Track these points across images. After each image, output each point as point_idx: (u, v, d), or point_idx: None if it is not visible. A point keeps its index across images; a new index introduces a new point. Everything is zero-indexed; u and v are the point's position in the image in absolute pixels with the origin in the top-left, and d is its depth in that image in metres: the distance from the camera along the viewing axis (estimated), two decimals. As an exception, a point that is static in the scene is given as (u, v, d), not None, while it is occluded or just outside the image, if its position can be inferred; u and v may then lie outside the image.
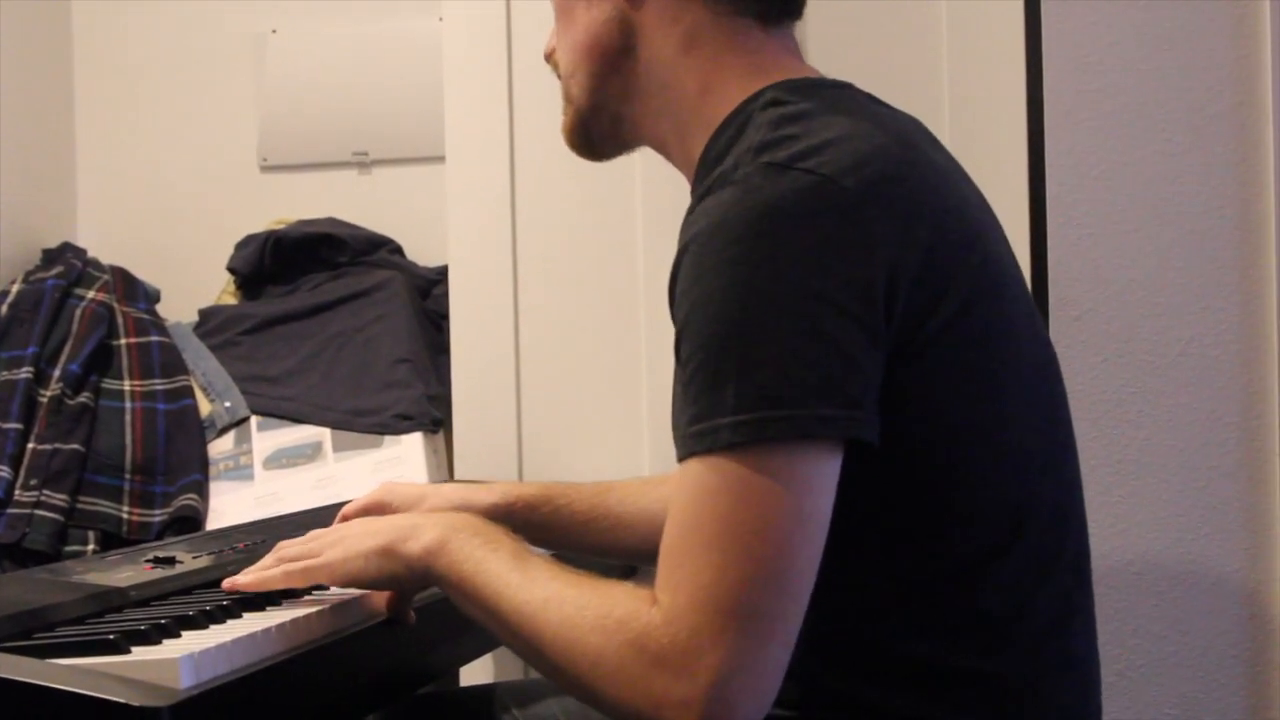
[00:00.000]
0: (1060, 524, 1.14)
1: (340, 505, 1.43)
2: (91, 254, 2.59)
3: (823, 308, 0.98)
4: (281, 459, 2.21)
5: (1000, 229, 1.19)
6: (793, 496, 0.97)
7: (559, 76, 1.27)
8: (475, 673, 1.73)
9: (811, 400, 0.97)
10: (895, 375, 1.02)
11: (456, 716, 1.45)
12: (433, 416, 2.21)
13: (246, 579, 1.20)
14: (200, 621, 1.11)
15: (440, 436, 2.22)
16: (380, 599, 1.22)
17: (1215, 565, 1.69)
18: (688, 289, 1.03)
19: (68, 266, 2.47)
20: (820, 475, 0.98)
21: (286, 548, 1.23)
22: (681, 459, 1.00)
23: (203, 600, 1.20)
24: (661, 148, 1.25)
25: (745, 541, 0.96)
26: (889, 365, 1.02)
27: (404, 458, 2.16)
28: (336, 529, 1.25)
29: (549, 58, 1.29)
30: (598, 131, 1.27)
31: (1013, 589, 1.09)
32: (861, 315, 0.99)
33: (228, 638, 1.04)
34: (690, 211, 1.10)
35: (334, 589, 1.23)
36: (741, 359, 0.98)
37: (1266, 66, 1.66)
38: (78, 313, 2.33)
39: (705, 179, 1.12)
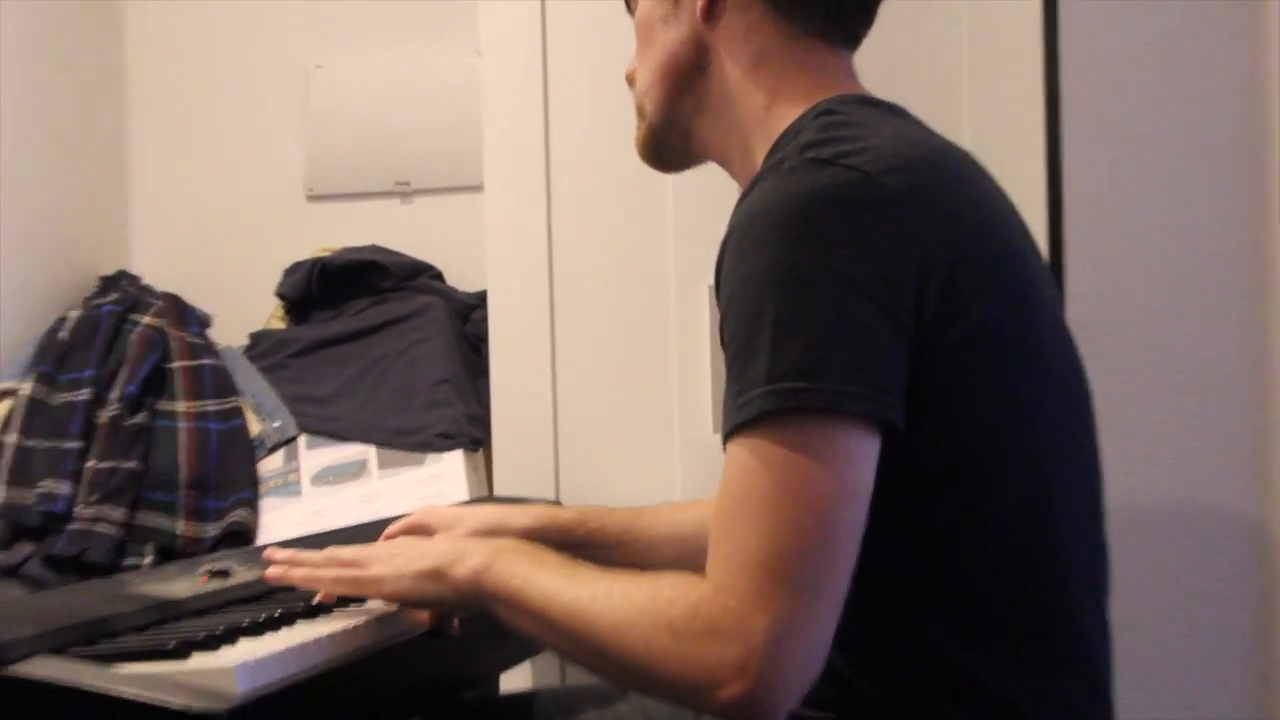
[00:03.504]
0: (1078, 536, 1.14)
1: (384, 522, 1.44)
2: (146, 281, 2.62)
3: (854, 293, 0.99)
4: (328, 476, 2.22)
5: (1040, 258, 1.20)
6: (833, 467, 0.97)
7: (635, 95, 1.30)
8: (515, 679, 1.74)
9: (840, 376, 0.97)
10: (922, 373, 1.02)
11: (498, 722, 1.46)
12: (472, 436, 2.22)
13: (298, 574, 1.21)
14: (254, 630, 1.13)
15: (480, 455, 2.22)
16: (423, 612, 1.22)
17: (1225, 583, 1.68)
18: (730, 273, 1.04)
19: (123, 293, 2.50)
20: (859, 450, 0.98)
21: (338, 551, 1.23)
22: (726, 438, 1.01)
23: (256, 610, 1.21)
24: (725, 162, 1.27)
25: (789, 510, 0.96)
26: (917, 362, 1.02)
27: (445, 475, 2.16)
28: (388, 545, 1.26)
29: (630, 79, 1.31)
30: (669, 145, 1.29)
31: (1028, 594, 1.09)
32: (891, 306, 1.00)
33: (280, 646, 1.06)
34: (739, 203, 1.10)
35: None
36: (775, 335, 0.98)
37: (1275, 103, 1.67)
38: (133, 337, 2.35)
39: None
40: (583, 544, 1.40)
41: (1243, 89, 1.69)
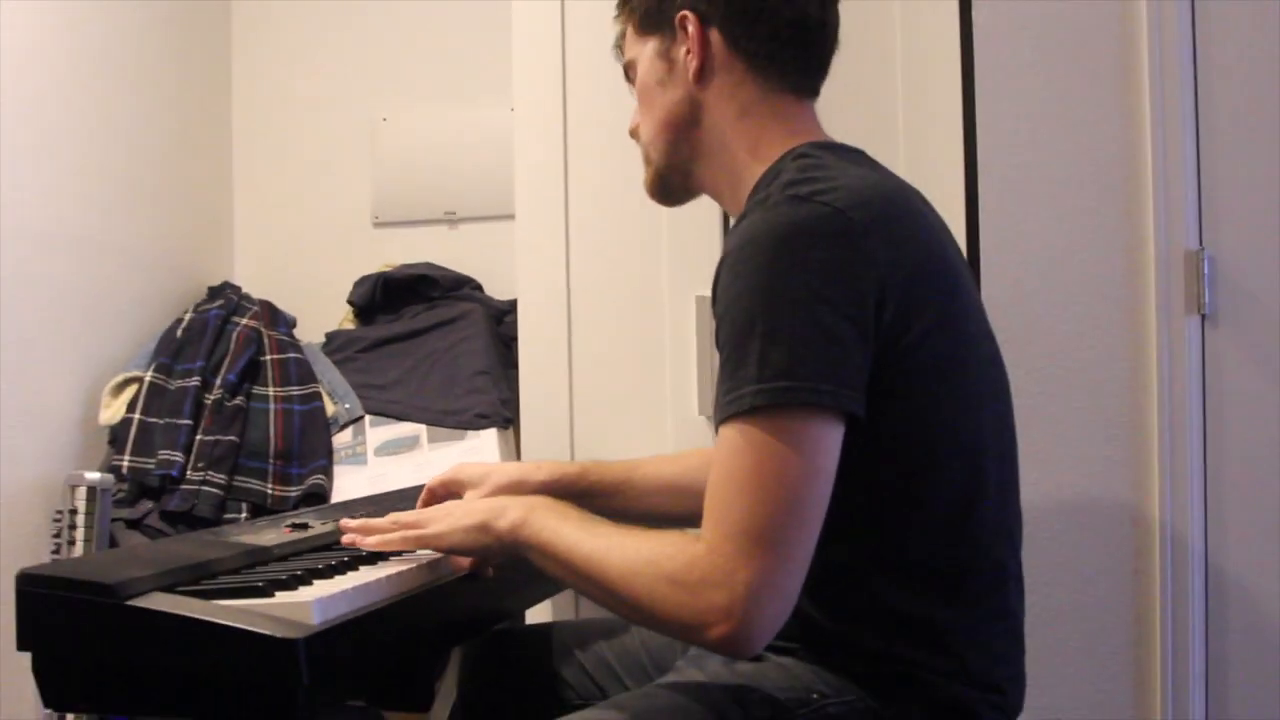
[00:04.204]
0: (1002, 505, 1.14)
1: (427, 486, 1.44)
2: (245, 290, 2.62)
3: (826, 309, 0.99)
4: (388, 448, 2.22)
5: (971, 278, 1.20)
6: (805, 452, 0.97)
7: (641, 146, 1.29)
8: (538, 614, 1.74)
9: (815, 378, 0.97)
10: (881, 372, 1.02)
11: (523, 649, 1.45)
12: (505, 416, 2.22)
13: (371, 540, 1.19)
14: (327, 573, 1.13)
15: (510, 432, 2.23)
16: (464, 559, 1.21)
17: (1106, 556, 1.66)
18: (725, 289, 1.04)
19: (226, 300, 2.50)
20: (826, 438, 0.99)
21: (400, 515, 1.22)
22: (719, 425, 1.01)
23: (329, 556, 1.21)
24: (718, 196, 1.26)
25: (769, 486, 0.96)
26: (876, 362, 1.02)
27: (482, 449, 2.16)
28: (440, 507, 1.24)
29: (633, 133, 1.29)
30: (672, 185, 1.28)
31: (963, 553, 1.09)
32: (856, 318, 1.00)
33: (348, 585, 1.06)
34: (732, 231, 1.10)
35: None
36: (762, 344, 0.98)
37: (1146, 152, 1.66)
38: (234, 335, 2.36)
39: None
40: (585, 493, 1.39)
41: (1118, 158, 1.67)
